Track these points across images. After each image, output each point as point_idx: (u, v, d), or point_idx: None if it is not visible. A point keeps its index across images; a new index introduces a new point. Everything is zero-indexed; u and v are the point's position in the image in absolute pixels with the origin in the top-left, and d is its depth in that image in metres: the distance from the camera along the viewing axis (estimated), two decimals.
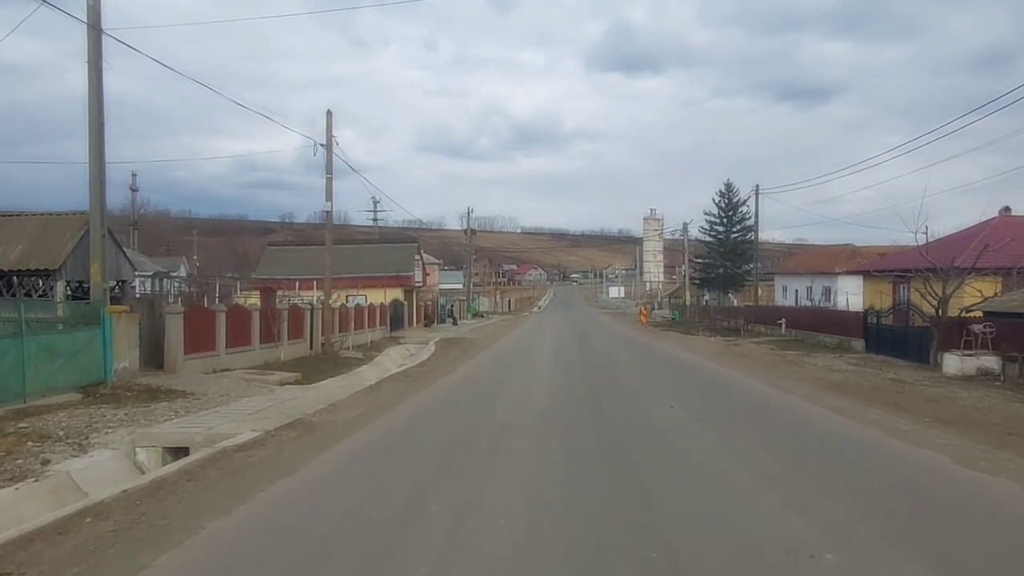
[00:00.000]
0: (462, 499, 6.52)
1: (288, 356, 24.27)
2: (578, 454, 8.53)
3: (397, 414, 11.93)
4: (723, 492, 6.77)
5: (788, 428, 10.51)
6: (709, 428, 10.32)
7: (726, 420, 11.09)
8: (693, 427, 10.48)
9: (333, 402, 13.33)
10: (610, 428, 10.27)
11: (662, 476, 7.55)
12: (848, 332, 30.39)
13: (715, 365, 21.16)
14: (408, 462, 8.33)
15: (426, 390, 15.30)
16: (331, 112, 25.73)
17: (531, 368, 19.83)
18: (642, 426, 10.46)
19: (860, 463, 8.06)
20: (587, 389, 14.81)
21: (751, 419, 11.17)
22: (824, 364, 22.14)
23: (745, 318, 45.89)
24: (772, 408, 12.49)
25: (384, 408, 12.59)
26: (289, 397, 14.40)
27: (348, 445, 9.42)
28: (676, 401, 12.93)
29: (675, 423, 10.75)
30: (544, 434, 9.94)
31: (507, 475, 7.65)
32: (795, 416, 11.59)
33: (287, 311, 25.18)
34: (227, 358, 20.52)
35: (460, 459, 8.48)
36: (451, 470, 7.86)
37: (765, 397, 13.92)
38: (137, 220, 75.37)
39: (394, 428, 10.71)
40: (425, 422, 11.24)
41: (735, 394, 14.47)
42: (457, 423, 10.98)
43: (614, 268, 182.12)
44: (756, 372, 19.03)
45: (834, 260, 54.73)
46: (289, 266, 44.44)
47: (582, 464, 8.01)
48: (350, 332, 31.98)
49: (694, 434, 9.98)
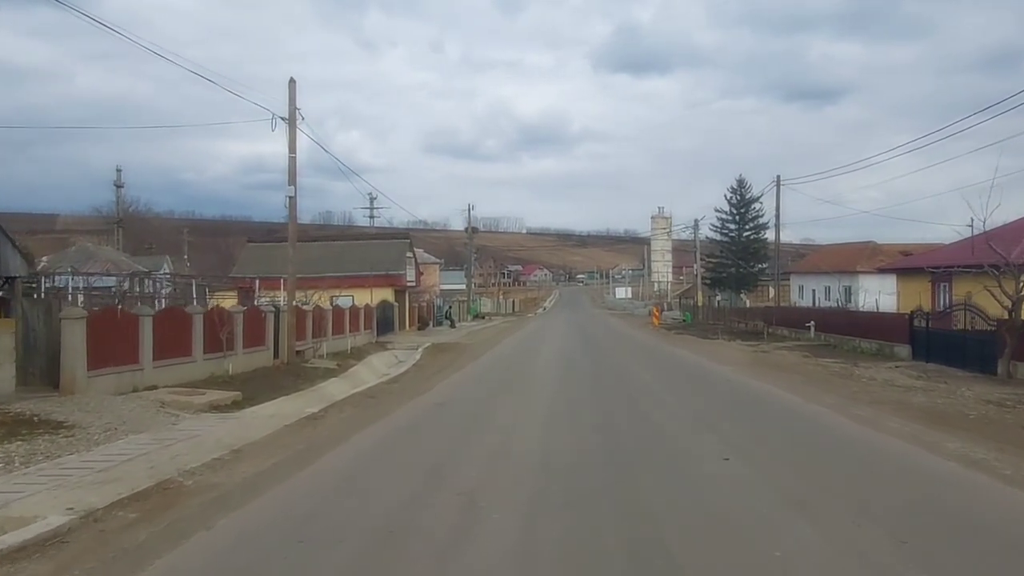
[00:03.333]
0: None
1: (241, 368, 20.41)
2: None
3: (317, 471, 8.03)
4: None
5: (938, 515, 6.38)
6: (803, 512, 6.28)
7: (819, 488, 7.12)
8: (772, 505, 6.56)
9: (241, 446, 9.46)
10: (642, 514, 6.37)
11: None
12: (890, 336, 26.57)
13: (755, 381, 17.22)
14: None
15: (381, 421, 11.41)
16: (294, 80, 21.91)
17: (525, 388, 15.89)
18: (693, 507, 6.53)
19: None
20: (600, 425, 10.88)
21: (862, 486, 7.15)
22: (882, 378, 18.23)
23: (765, 320, 42.04)
24: (879, 461, 8.42)
25: (305, 457, 8.71)
26: (190, 435, 10.54)
27: (195, 548, 5.55)
28: (730, 447, 9.00)
29: (745, 499, 6.75)
30: (531, 523, 6.06)
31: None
32: (925, 480, 7.51)
33: (242, 314, 21.32)
34: (154, 373, 16.67)
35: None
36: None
37: (849, 435, 9.97)
38: (122, 218, 72.33)
39: (296, 504, 6.82)
40: (350, 492, 7.31)
41: (805, 431, 10.52)
42: (399, 494, 7.08)
43: (620, 268, 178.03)
44: (809, 391, 15.11)
45: (854, 259, 51.09)
46: (269, 264, 40.55)
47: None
48: (327, 337, 28.10)
49: (783, 527, 6.01)
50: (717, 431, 10.23)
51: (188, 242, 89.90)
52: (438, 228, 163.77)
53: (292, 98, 21.84)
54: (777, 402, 13.48)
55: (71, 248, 50.70)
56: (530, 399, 13.81)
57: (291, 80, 22.04)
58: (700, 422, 11.10)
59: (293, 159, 21.97)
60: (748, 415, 11.89)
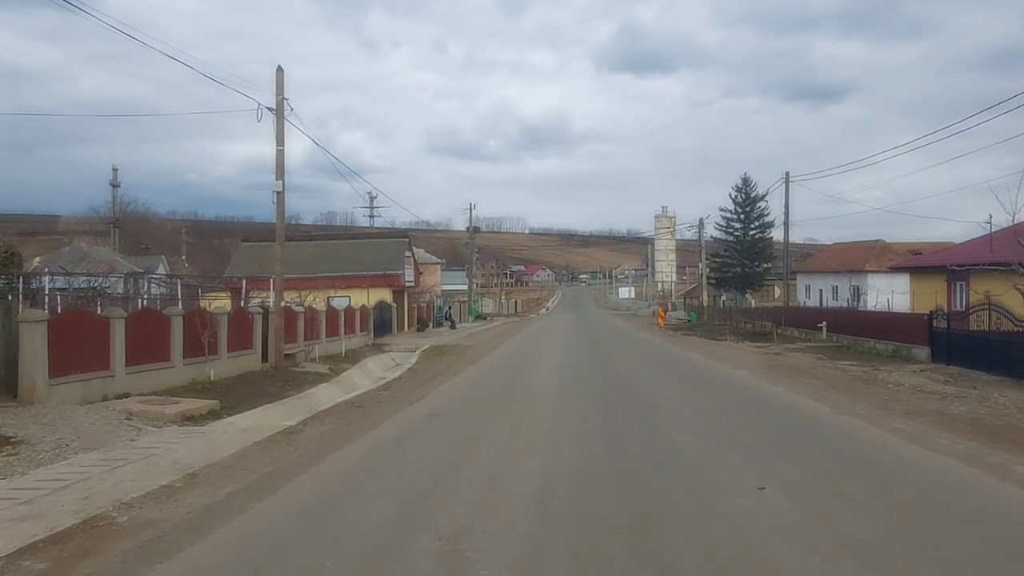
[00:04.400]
0: None
1: (225, 373, 19.23)
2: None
3: (277, 504, 6.78)
4: None
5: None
6: (875, 569, 4.98)
7: (884, 532, 5.77)
8: (831, 557, 5.26)
9: (199, 468, 8.24)
10: (667, 570, 5.13)
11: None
12: (907, 338, 25.35)
13: (774, 387, 15.95)
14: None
15: (364, 437, 10.19)
16: (282, 69, 20.68)
17: (526, 397, 14.65)
18: (733, 561, 5.22)
19: None
20: (609, 443, 9.64)
21: (939, 531, 5.78)
22: (909, 383, 16.97)
23: (774, 320, 40.76)
24: (947, 493, 6.98)
25: (268, 484, 7.48)
26: (146, 454, 9.32)
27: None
28: (762, 472, 7.76)
29: (795, 547, 5.39)
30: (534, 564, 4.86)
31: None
32: (1015, 523, 6.26)
33: (226, 316, 20.13)
34: (127, 380, 15.48)
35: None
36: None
37: (900, 456, 8.65)
38: (118, 218, 71.20)
39: (244, 550, 5.60)
40: (312, 533, 6.09)
41: (846, 449, 9.20)
42: (371, 537, 5.85)
43: (623, 268, 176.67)
44: (835, 398, 13.85)
45: (862, 258, 49.89)
46: (263, 264, 39.29)
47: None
48: (320, 340, 26.93)
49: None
50: (743, 449, 8.96)
51: (188, 242, 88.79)
52: (440, 229, 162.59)
53: (280, 87, 20.65)
54: (804, 412, 12.19)
55: (65, 248, 49.69)
56: (531, 410, 12.55)
57: (278, 68, 20.87)
58: (722, 438, 9.83)
59: (281, 152, 20.77)
60: (774, 429, 10.62)
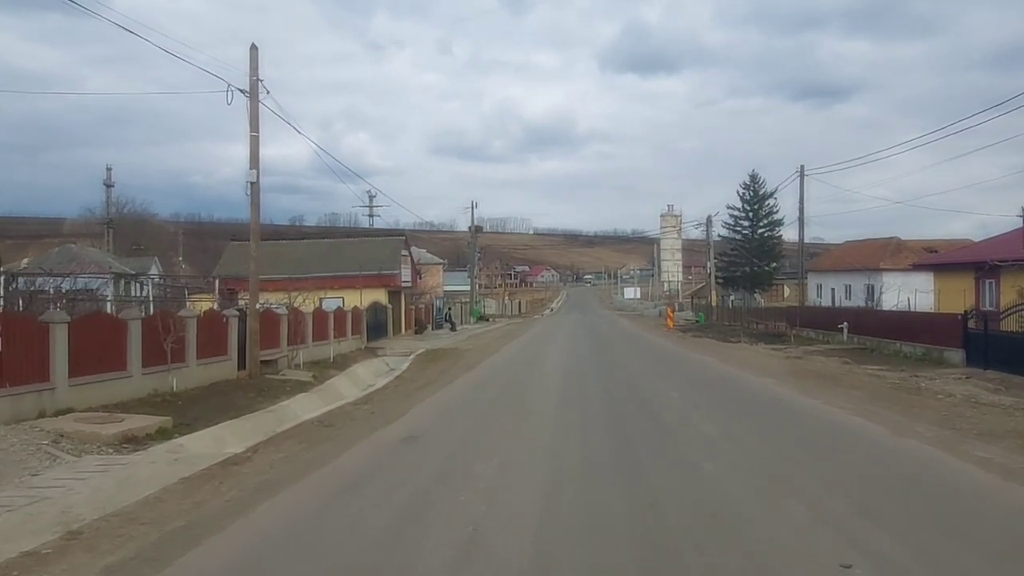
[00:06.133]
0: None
1: (192, 383, 17.33)
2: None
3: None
4: None
5: None
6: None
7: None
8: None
9: (92, 519, 6.31)
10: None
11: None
12: (939, 340, 23.45)
13: (809, 399, 13.92)
14: None
15: (318, 472, 8.20)
16: (256, 47, 18.74)
17: (523, 415, 12.57)
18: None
19: None
20: (626, 487, 7.60)
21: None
22: (960, 393, 15.02)
23: (788, 320, 38.76)
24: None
25: (166, 550, 5.53)
26: (38, 496, 7.38)
27: None
28: (840, 534, 5.72)
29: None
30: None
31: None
32: None
33: (195, 320, 18.23)
34: (70, 393, 13.58)
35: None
36: None
37: (1013, 504, 6.72)
38: (112, 219, 69.52)
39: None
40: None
41: (940, 497, 7.03)
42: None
43: (629, 269, 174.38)
44: (885, 414, 11.83)
45: (876, 255, 47.94)
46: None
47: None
48: (306, 344, 25.00)
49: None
50: (802, 495, 6.88)
51: (186, 244, 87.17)
52: (444, 230, 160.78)
53: (254, 67, 18.71)
54: (858, 435, 10.07)
55: (54, 250, 48.07)
56: (527, 434, 10.50)
57: (252, 46, 18.93)
58: (770, 476, 7.75)
59: (255, 138, 18.83)
60: (833, 462, 8.46)
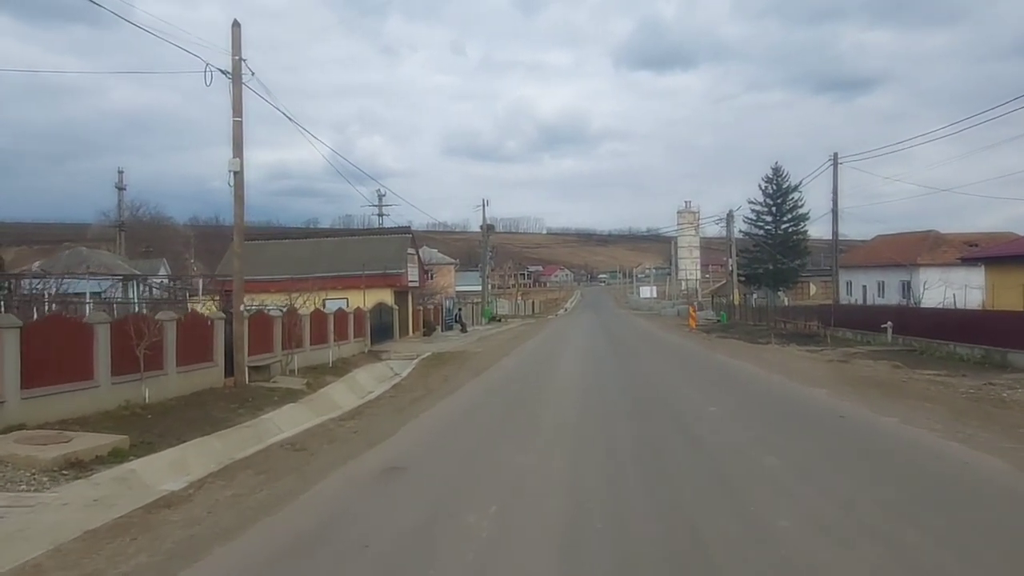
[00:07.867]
0: None
1: (171, 392, 15.57)
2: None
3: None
4: None
5: None
6: None
7: None
8: None
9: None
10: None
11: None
12: (1000, 340, 21.25)
13: (879, 416, 11.79)
14: None
15: (268, 520, 6.32)
16: (239, 24, 16.97)
17: (533, 434, 10.55)
18: None
19: None
20: (669, 551, 5.68)
21: None
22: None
23: (822, 319, 36.47)
24: None
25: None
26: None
27: None
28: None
29: None
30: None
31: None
32: None
33: (175, 323, 16.46)
34: (23, 407, 11.83)
35: None
36: None
37: None
38: (124, 221, 68.52)
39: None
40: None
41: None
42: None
43: (644, 267, 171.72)
44: (983, 437, 9.72)
45: (913, 250, 45.43)
46: (255, 264, 35.82)
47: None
48: (303, 348, 23.20)
49: None
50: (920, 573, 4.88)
51: (200, 246, 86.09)
52: (457, 230, 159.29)
53: (236, 46, 16.96)
54: (973, 473, 7.79)
55: (64, 253, 47.09)
56: (535, 465, 8.38)
57: (234, 23, 17.14)
58: (882, 545, 5.47)
59: (239, 124, 17.06)
60: (966, 524, 6.06)
